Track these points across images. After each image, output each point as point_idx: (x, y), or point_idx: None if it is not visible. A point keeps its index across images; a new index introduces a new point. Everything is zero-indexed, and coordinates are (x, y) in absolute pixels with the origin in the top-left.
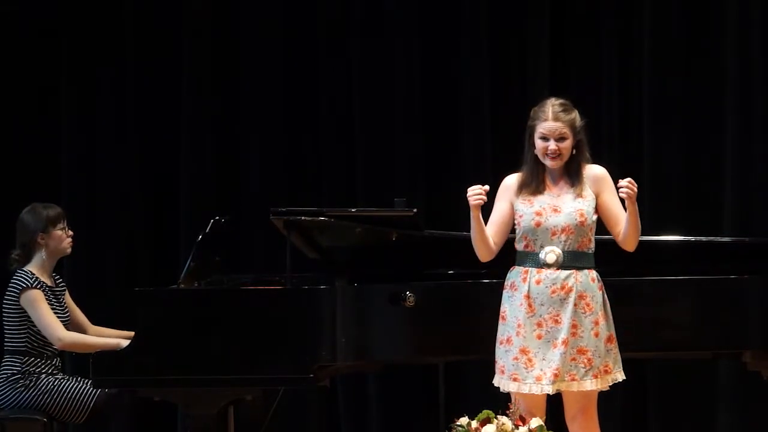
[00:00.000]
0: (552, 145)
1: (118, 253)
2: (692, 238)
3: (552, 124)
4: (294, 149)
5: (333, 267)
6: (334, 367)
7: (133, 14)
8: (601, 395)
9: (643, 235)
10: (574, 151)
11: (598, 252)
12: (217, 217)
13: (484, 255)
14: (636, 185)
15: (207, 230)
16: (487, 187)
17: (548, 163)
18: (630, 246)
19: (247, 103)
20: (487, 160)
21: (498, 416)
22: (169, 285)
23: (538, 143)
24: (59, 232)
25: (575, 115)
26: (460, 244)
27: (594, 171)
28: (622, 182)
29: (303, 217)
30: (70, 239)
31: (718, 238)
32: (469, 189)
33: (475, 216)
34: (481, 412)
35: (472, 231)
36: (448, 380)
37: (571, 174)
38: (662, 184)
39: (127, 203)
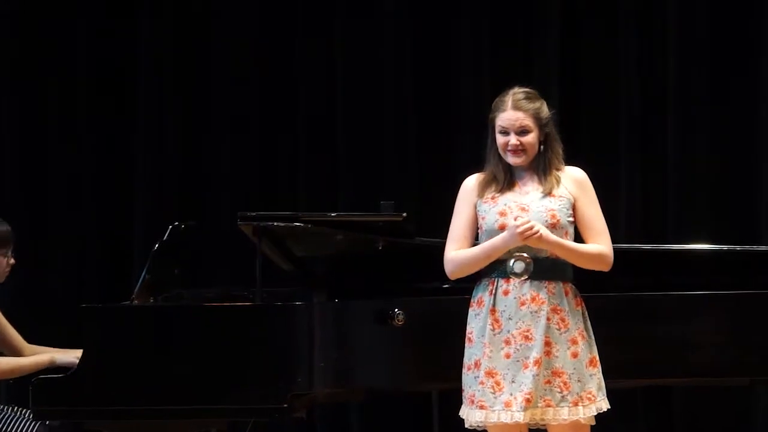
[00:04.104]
0: (513, 139)
1: (63, 262)
2: (724, 247)
3: (512, 114)
4: (267, 145)
5: (310, 280)
6: (312, 396)
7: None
8: (622, 426)
9: (668, 243)
10: (542, 147)
11: (617, 262)
12: (177, 223)
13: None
14: (530, 226)
15: (165, 237)
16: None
17: (510, 159)
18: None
19: (215, 92)
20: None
21: None
22: (121, 301)
23: (499, 138)
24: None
25: (541, 104)
26: None
27: (574, 173)
28: (519, 229)
29: (275, 223)
30: (9, 268)
31: (754, 248)
32: (523, 223)
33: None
34: None
35: (481, 254)
36: (442, 410)
37: (539, 172)
38: (689, 187)
39: (76, 204)
